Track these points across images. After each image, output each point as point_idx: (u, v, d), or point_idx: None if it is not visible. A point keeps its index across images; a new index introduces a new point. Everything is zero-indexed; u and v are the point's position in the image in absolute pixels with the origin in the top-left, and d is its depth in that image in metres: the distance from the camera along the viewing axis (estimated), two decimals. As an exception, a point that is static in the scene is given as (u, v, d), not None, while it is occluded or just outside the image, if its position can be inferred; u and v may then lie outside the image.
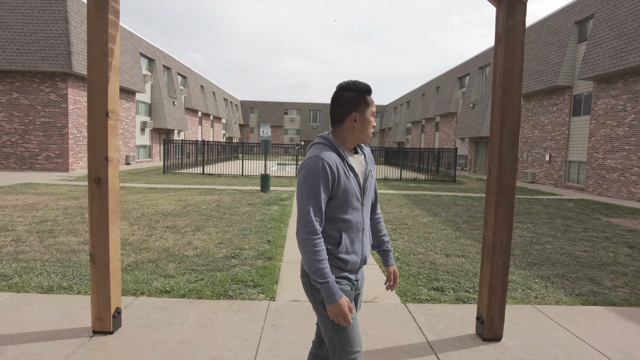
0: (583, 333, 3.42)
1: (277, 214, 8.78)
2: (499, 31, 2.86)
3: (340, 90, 1.79)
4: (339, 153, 1.76)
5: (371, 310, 3.74)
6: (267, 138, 13.37)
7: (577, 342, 3.25)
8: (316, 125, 62.03)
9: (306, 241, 1.65)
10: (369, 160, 1.94)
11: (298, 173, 1.72)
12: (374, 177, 1.96)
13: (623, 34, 14.92)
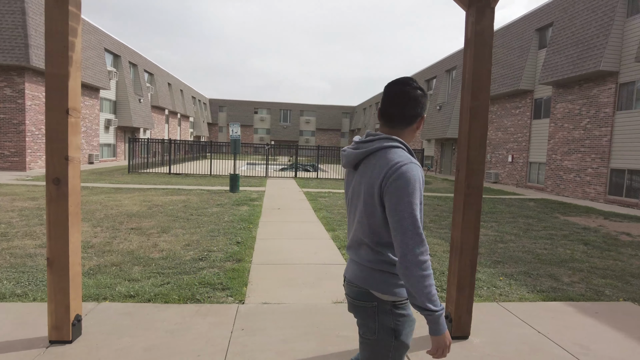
0: (545, 328, 3.55)
1: (246, 215, 8.67)
2: (468, 35, 2.92)
3: (413, 87, 1.58)
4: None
5: (342, 311, 3.74)
6: (237, 137, 13.18)
7: (540, 337, 3.37)
8: (286, 125, 61.83)
9: (423, 262, 1.38)
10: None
11: (387, 180, 1.45)
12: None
13: (580, 41, 15.66)
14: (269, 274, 4.78)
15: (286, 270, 4.95)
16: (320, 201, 11.39)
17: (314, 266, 5.15)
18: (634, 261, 6.25)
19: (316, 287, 4.39)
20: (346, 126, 64.29)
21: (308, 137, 63.03)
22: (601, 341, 3.36)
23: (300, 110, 62.97)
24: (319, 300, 4.00)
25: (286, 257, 5.55)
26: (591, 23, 15.32)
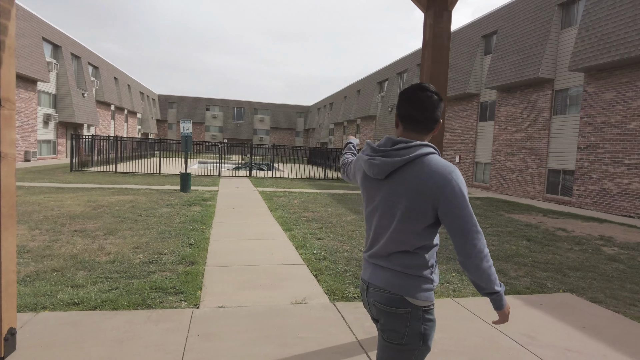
0: (496, 322, 3.70)
1: (199, 215, 8.39)
2: (426, 37, 2.97)
3: (434, 93, 1.63)
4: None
5: (301, 312, 3.70)
6: (188, 135, 12.76)
7: (492, 330, 3.50)
8: (240, 123, 60.81)
9: (487, 254, 1.55)
10: None
11: (444, 187, 1.51)
12: None
13: (521, 49, 16.63)
14: (224, 276, 4.63)
15: (242, 272, 4.83)
16: (276, 201, 11.28)
17: (271, 267, 5.06)
18: (570, 254, 6.70)
19: (274, 288, 4.31)
20: (301, 125, 64.31)
21: (262, 135, 62.38)
22: (546, 331, 3.55)
23: (255, 108, 62.18)
24: (277, 302, 3.93)
25: (242, 258, 5.42)
26: (531, 33, 16.31)
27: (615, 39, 12.39)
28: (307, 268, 5.08)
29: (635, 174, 12.20)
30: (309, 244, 6.29)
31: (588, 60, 13.18)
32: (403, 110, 1.64)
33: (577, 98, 14.70)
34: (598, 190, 13.42)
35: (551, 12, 15.46)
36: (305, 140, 64.43)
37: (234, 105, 61.38)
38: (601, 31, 12.92)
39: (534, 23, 16.29)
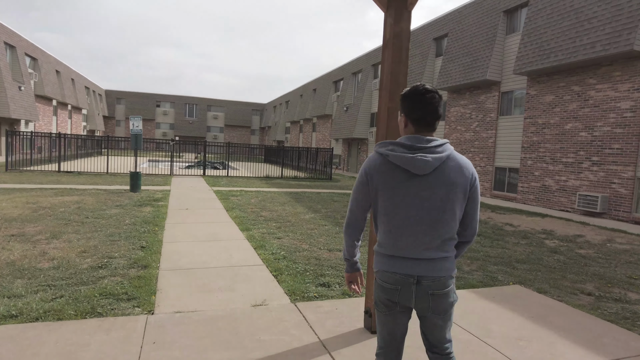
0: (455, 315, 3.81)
1: (150, 216, 8.05)
2: (386, 36, 3.00)
3: (437, 93, 1.83)
4: None
5: (262, 314, 3.62)
6: (138, 132, 12.21)
7: (449, 324, 3.61)
8: (192, 120, 59.10)
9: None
10: None
11: (473, 178, 1.85)
12: None
13: (470, 52, 17.36)
14: (180, 280, 4.46)
15: (199, 275, 4.67)
16: (232, 200, 11.05)
17: (229, 269, 4.93)
18: (517, 248, 7.07)
19: (233, 291, 4.20)
20: (256, 123, 63.53)
21: (216, 133, 61.01)
22: (499, 322, 3.71)
23: (208, 105, 60.67)
24: (237, 305, 3.83)
25: (198, 260, 5.24)
26: (479, 37, 17.06)
27: (553, 46, 13.22)
28: (267, 269, 5.00)
29: (571, 172, 13.11)
30: (268, 244, 6.20)
31: (530, 65, 13.98)
32: (419, 112, 1.80)
33: (521, 100, 15.56)
34: (540, 187, 14.29)
35: (497, 18, 16.25)
36: (261, 138, 63.75)
37: (186, 102, 59.58)
38: (541, 38, 13.75)
39: (481, 28, 17.04)
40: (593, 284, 5.24)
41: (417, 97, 1.79)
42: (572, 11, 12.82)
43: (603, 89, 12.25)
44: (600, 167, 12.22)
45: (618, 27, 11.32)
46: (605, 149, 12.11)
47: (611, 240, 8.34)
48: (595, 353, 3.24)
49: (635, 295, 4.86)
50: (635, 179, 11.34)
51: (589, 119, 12.62)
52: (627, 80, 11.60)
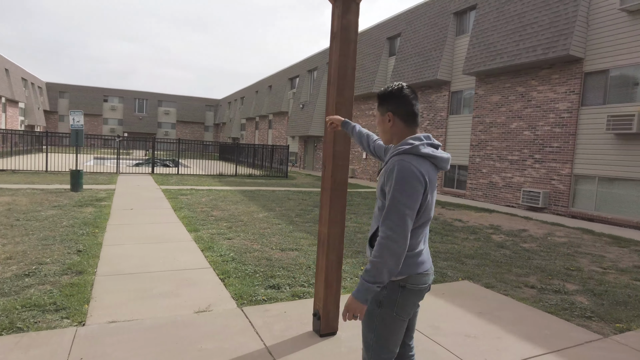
0: (402, 314, 3.79)
1: (91, 218, 7.52)
2: (334, 28, 2.89)
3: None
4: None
5: (205, 321, 3.42)
6: (79, 127, 11.43)
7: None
8: (142, 116, 56.67)
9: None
10: (385, 169, 1.80)
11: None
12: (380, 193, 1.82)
13: (421, 52, 17.76)
14: (118, 286, 4.14)
15: (139, 279, 4.37)
16: (181, 199, 10.60)
17: (172, 273, 4.66)
18: (466, 244, 7.26)
19: (175, 296, 3.95)
20: (210, 119, 61.96)
21: (168, 129, 58.88)
22: (449, 319, 3.73)
23: (159, 100, 58.39)
24: (179, 312, 3.59)
25: (139, 264, 4.92)
26: (430, 37, 17.49)
27: (499, 47, 13.77)
28: (214, 272, 4.77)
29: (516, 169, 13.74)
30: (217, 245, 5.95)
31: (478, 66, 14.49)
32: (415, 108, 1.83)
33: (469, 100, 16.11)
34: (487, 183, 14.88)
35: (448, 20, 16.72)
36: (215, 135, 62.26)
37: (136, 97, 57.01)
38: (488, 40, 14.29)
39: (432, 28, 17.48)
40: (536, 276, 5.45)
41: (412, 92, 1.83)
42: (516, 15, 13.41)
43: (544, 91, 12.91)
44: (541, 165, 12.89)
45: (556, 33, 11.96)
46: (546, 147, 12.78)
47: (551, 234, 8.78)
48: (539, 346, 3.32)
49: (572, 286, 5.10)
50: (572, 176, 12.06)
51: (532, 118, 13.27)
52: (565, 82, 12.29)
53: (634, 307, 4.45)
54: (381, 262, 1.62)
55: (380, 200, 1.81)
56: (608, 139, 11.18)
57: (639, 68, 10.67)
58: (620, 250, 7.49)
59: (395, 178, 1.67)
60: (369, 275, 1.64)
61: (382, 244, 1.63)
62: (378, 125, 1.93)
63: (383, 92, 1.88)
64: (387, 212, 1.66)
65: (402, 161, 1.69)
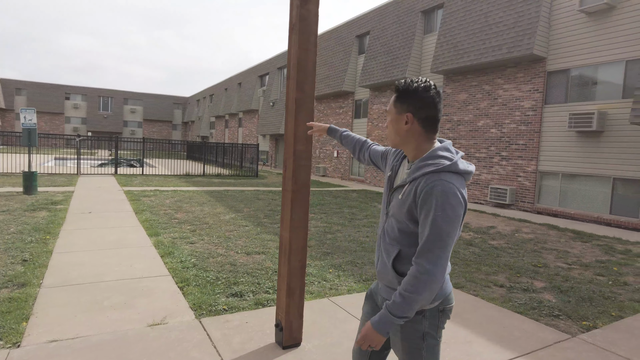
0: (370, 320, 3.65)
1: (44, 223, 7.03)
2: (293, 19, 2.68)
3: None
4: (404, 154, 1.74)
5: (159, 335, 3.15)
6: (31, 126, 10.75)
7: (366, 330, 3.43)
8: (107, 114, 54.66)
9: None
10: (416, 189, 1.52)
11: None
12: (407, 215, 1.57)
13: (390, 51, 17.79)
14: (64, 298, 3.80)
15: (89, 290, 4.03)
16: (143, 201, 10.14)
17: (127, 282, 4.34)
18: (435, 242, 7.21)
19: (128, 308, 3.66)
20: (178, 118, 60.48)
21: (134, 128, 57.06)
22: (417, 324, 3.60)
23: (125, 98, 56.48)
24: (130, 325, 3.31)
25: (92, 273, 4.57)
26: (398, 36, 17.54)
27: (466, 46, 13.93)
28: (172, 279, 4.48)
29: (484, 166, 13.95)
30: (178, 251, 5.64)
31: (445, 64, 14.62)
32: (439, 113, 1.60)
33: (437, 98, 16.24)
34: (455, 180, 15.04)
35: (415, 18, 16.80)
36: (184, 133, 60.83)
37: (100, 94, 54.92)
38: (455, 38, 14.43)
39: (401, 27, 17.53)
40: (504, 274, 5.43)
41: (430, 93, 1.56)
42: (482, 15, 13.59)
43: (509, 89, 13.14)
44: (508, 162, 13.12)
45: (520, 32, 12.18)
46: (512, 145, 13.02)
47: (519, 231, 8.90)
48: (510, 349, 3.24)
49: (540, 283, 5.11)
50: (537, 173, 12.33)
51: (498, 116, 13.49)
52: (529, 81, 12.55)
53: (598, 304, 4.48)
54: (415, 298, 1.45)
55: (406, 223, 1.56)
56: (570, 137, 11.48)
57: (597, 68, 10.99)
58: (583, 245, 7.65)
59: (437, 204, 1.44)
60: (398, 310, 1.47)
61: (421, 279, 1.45)
62: (391, 123, 1.64)
63: (405, 87, 1.58)
64: (428, 244, 1.45)
65: (443, 182, 1.46)
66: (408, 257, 1.59)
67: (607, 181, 10.70)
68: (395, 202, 1.61)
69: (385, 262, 1.66)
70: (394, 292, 1.51)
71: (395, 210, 1.60)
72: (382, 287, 1.74)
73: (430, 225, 1.45)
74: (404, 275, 1.59)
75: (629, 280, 5.49)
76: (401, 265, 1.60)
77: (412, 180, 1.54)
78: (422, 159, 1.56)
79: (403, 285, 1.48)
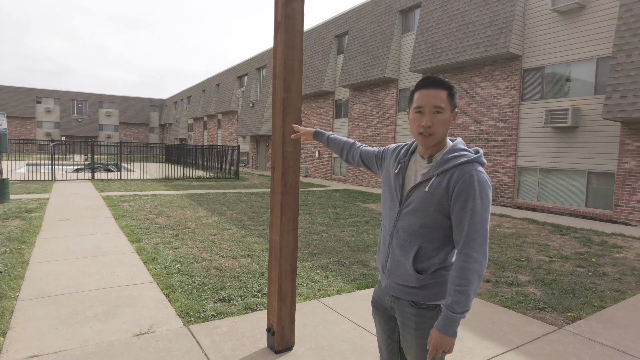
0: (362, 320, 3.63)
1: (17, 232, 6.77)
2: (278, 17, 2.64)
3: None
4: (412, 149, 1.72)
5: (146, 344, 3.06)
6: (2, 131, 10.35)
7: (359, 331, 3.40)
8: (82, 118, 53.24)
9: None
10: (452, 179, 1.53)
11: None
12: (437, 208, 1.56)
13: (369, 50, 17.87)
14: (43, 311, 3.65)
15: (70, 301, 3.89)
16: (123, 207, 9.89)
17: (109, 291, 4.21)
18: (420, 240, 7.26)
19: (112, 318, 3.54)
20: (155, 120, 59.41)
21: (110, 132, 55.78)
22: (407, 323, 3.60)
23: (100, 101, 55.15)
24: (115, 336, 3.20)
25: (72, 283, 4.41)
26: (377, 35, 17.64)
27: (444, 45, 14.11)
28: (157, 286, 4.36)
29: (464, 163, 14.15)
30: (161, 256, 5.51)
31: (424, 63, 14.78)
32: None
33: (417, 96, 16.39)
34: (436, 178, 15.22)
35: (394, 17, 16.93)
36: (161, 136, 59.78)
37: (74, 98, 53.44)
38: (433, 38, 14.60)
39: (379, 26, 17.64)
40: (489, 269, 5.50)
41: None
42: (459, 14, 13.79)
43: (487, 87, 13.38)
44: (487, 158, 13.35)
45: (496, 31, 12.41)
46: (491, 142, 13.25)
47: (500, 225, 9.06)
48: (500, 344, 3.27)
49: (524, 277, 5.20)
50: (516, 168, 12.59)
51: (477, 113, 13.72)
52: (506, 79, 12.80)
53: (581, 295, 4.58)
54: (472, 288, 1.47)
55: (434, 216, 1.56)
56: (546, 132, 11.76)
57: (570, 65, 11.30)
58: (562, 238, 7.84)
59: (477, 193, 1.48)
60: (459, 306, 1.46)
61: (473, 269, 1.46)
62: (442, 119, 1.57)
63: (452, 85, 1.61)
64: (472, 233, 1.47)
65: (479, 172, 1.51)
66: (427, 253, 1.59)
67: (582, 175, 11.01)
68: (419, 195, 1.58)
69: (399, 261, 1.63)
70: (449, 291, 1.49)
71: (420, 204, 1.58)
72: (391, 285, 1.69)
73: (470, 215, 1.48)
74: (422, 273, 1.59)
75: (607, 270, 5.65)
76: (420, 262, 1.60)
77: (442, 172, 1.54)
78: (448, 152, 1.58)
79: (454, 280, 1.48)
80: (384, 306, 1.76)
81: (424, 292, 1.61)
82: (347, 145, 2.09)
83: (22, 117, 49.89)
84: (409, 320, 1.63)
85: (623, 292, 4.76)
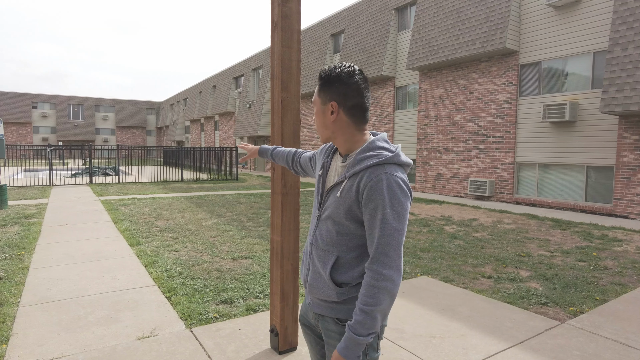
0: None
1: (17, 238, 6.74)
2: (275, 17, 2.63)
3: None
4: (335, 147, 1.56)
5: (150, 348, 3.05)
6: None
7: (361, 330, 3.40)
8: (78, 122, 53.14)
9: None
10: (358, 184, 1.34)
11: None
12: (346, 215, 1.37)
13: (365, 49, 17.87)
14: (45, 317, 3.64)
15: (72, 307, 3.88)
16: (122, 210, 9.87)
17: (111, 295, 4.19)
18: (420, 237, 7.27)
19: (115, 322, 3.53)
20: (152, 123, 59.33)
21: (107, 135, 55.69)
22: (411, 321, 3.60)
23: (95, 105, 55.05)
24: (119, 340, 3.19)
25: (73, 288, 4.40)
26: (373, 34, 17.63)
27: (440, 42, 14.11)
28: (159, 289, 4.35)
29: (463, 160, 14.17)
30: (162, 259, 5.49)
31: (421, 61, 14.78)
32: (367, 100, 1.43)
33: (414, 94, 16.42)
34: (435, 175, 15.24)
35: (389, 15, 16.92)
36: (158, 139, 59.71)
37: (69, 102, 53.34)
38: (429, 35, 14.60)
39: (375, 24, 17.63)
40: (490, 265, 5.51)
41: (363, 77, 1.42)
42: (454, 11, 13.79)
43: (484, 83, 13.38)
44: (486, 155, 13.36)
45: (492, 27, 12.41)
46: (489, 138, 13.26)
47: (500, 222, 9.06)
48: (503, 340, 3.27)
49: (525, 272, 5.20)
50: (515, 164, 12.60)
51: (474, 110, 13.72)
52: (503, 75, 12.81)
53: (583, 289, 4.58)
54: (378, 309, 1.27)
55: (346, 224, 1.38)
56: (545, 127, 11.77)
57: (567, 60, 11.31)
58: (562, 233, 7.85)
59: (385, 199, 1.28)
60: (363, 328, 1.27)
61: (380, 287, 1.27)
62: (317, 116, 1.47)
63: (328, 73, 1.41)
64: (382, 246, 1.28)
65: (388, 175, 1.31)
66: (346, 263, 1.41)
67: (581, 169, 11.02)
68: (333, 201, 1.41)
69: (319, 273, 1.45)
70: (355, 309, 1.30)
71: (333, 210, 1.41)
72: (313, 302, 1.50)
73: (380, 225, 1.29)
74: (343, 286, 1.40)
75: (608, 264, 5.65)
76: (339, 274, 1.41)
77: (353, 174, 1.37)
78: (360, 151, 1.39)
79: (362, 298, 1.29)
80: (311, 324, 1.59)
81: (347, 307, 1.41)
82: (289, 156, 1.90)
83: (17, 123, 49.75)
84: (333, 340, 1.44)
85: (624, 285, 4.76)
